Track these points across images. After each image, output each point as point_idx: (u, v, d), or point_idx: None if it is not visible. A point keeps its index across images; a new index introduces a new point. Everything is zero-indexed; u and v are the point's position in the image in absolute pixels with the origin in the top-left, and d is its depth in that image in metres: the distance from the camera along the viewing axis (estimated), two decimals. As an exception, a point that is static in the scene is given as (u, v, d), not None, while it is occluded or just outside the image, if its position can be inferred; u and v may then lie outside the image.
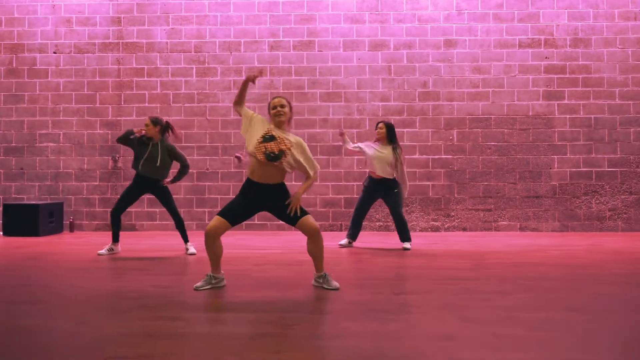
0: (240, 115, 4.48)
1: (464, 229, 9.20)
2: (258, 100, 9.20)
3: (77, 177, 9.47)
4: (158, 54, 9.47)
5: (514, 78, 9.26)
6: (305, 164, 4.36)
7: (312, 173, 4.39)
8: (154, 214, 9.37)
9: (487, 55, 9.28)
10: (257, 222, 9.20)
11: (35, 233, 8.52)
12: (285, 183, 4.52)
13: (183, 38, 9.46)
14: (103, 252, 6.45)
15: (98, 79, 9.49)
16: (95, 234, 8.81)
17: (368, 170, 7.19)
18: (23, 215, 8.56)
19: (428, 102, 9.29)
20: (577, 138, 9.20)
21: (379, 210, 9.17)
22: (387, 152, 6.86)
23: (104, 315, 3.52)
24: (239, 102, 4.46)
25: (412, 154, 9.26)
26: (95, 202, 9.40)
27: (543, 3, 9.28)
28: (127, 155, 9.33)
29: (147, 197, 9.34)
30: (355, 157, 9.20)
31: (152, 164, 6.39)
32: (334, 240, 7.77)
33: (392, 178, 6.89)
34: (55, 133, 9.52)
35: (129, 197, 6.48)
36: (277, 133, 4.29)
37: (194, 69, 9.44)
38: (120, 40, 9.50)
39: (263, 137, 4.26)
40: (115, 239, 6.52)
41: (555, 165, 9.20)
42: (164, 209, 9.30)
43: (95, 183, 9.44)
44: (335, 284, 4.41)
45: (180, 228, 6.57)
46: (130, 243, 7.54)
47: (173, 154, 6.49)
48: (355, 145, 7.14)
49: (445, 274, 5.02)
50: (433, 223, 9.23)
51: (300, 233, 8.84)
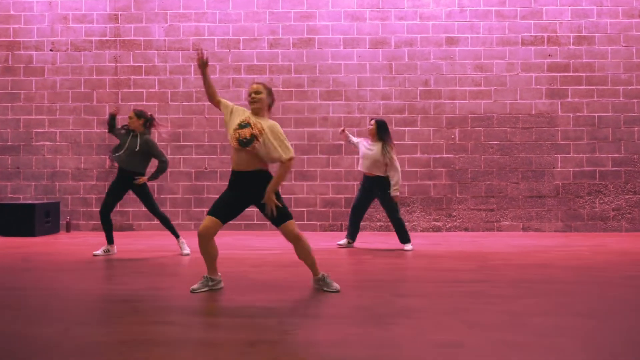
0: (221, 110, 4.38)
1: (466, 229, 9.07)
2: (257, 99, 9.07)
3: (73, 176, 9.34)
4: (156, 52, 9.34)
5: (517, 76, 9.13)
6: (278, 147, 4.13)
7: (284, 156, 4.12)
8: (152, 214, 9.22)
9: (489, 53, 9.15)
10: (256, 222, 9.07)
11: (32, 233, 8.40)
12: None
13: (181, 35, 9.33)
14: (99, 252, 6.33)
15: (95, 77, 9.37)
16: (92, 234, 8.69)
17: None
18: (19, 215, 8.45)
19: (429, 100, 9.16)
20: (580, 137, 9.08)
21: (380, 210, 9.04)
22: (376, 149, 6.78)
23: (95, 321, 3.39)
24: (210, 93, 4.34)
25: (413, 153, 9.14)
26: (92, 201, 9.28)
27: (546, 0, 9.14)
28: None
29: (144, 196, 9.22)
30: (356, 155, 9.08)
31: (126, 155, 6.27)
32: (334, 241, 7.65)
33: (384, 176, 6.79)
34: (52, 132, 9.39)
35: (113, 193, 6.32)
36: (252, 120, 4.20)
37: (192, 67, 9.31)
38: (118, 38, 9.37)
39: (239, 124, 4.20)
40: (110, 241, 6.38)
41: (559, 165, 9.07)
42: (162, 209, 9.17)
43: (92, 182, 9.32)
44: (336, 286, 4.31)
45: (166, 224, 6.40)
46: (127, 243, 7.42)
47: (150, 148, 6.27)
48: (357, 141, 7.13)
49: (449, 276, 4.89)
50: (434, 223, 9.10)
51: (300, 233, 8.77)
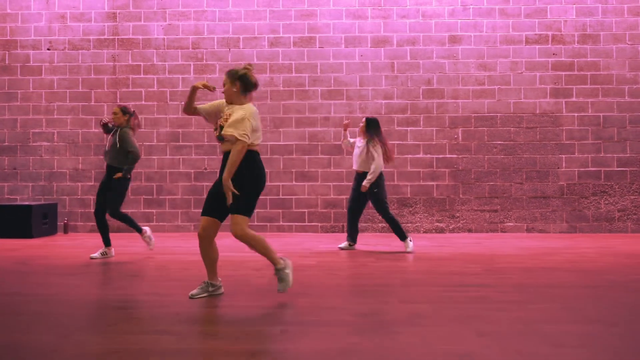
0: (201, 115, 4.23)
1: (470, 231, 8.95)
2: (257, 99, 8.95)
3: (71, 177, 9.21)
4: (155, 51, 9.21)
5: (521, 75, 9.00)
6: (232, 125, 3.89)
7: (235, 134, 3.85)
8: (151, 215, 9.11)
9: (493, 52, 9.02)
10: (256, 223, 8.94)
11: (29, 235, 8.27)
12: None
13: (180, 34, 9.20)
14: (96, 255, 6.19)
15: (93, 77, 9.24)
16: (90, 236, 8.56)
17: None
18: (16, 217, 8.31)
19: (432, 99, 9.04)
20: (585, 137, 8.95)
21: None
22: (362, 146, 6.83)
23: (89, 329, 3.26)
24: (188, 109, 4.19)
25: (415, 154, 9.01)
26: (90, 202, 9.14)
27: (550, -2, 9.02)
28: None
29: (142, 197, 9.10)
30: (358, 156, 8.96)
31: (111, 152, 6.15)
32: (336, 243, 7.52)
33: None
34: (49, 132, 9.26)
35: (103, 192, 6.18)
36: (226, 112, 4.07)
37: (192, 66, 9.18)
38: (116, 37, 9.24)
39: (219, 122, 4.11)
40: (107, 243, 6.24)
41: (563, 165, 8.95)
42: (161, 210, 9.07)
43: (91, 183, 9.18)
44: (283, 287, 4.01)
45: (124, 221, 6.15)
46: (125, 245, 7.28)
47: (122, 141, 6.09)
48: (353, 141, 7.13)
49: (455, 280, 4.76)
50: (437, 224, 8.98)
51: (301, 235, 8.64)
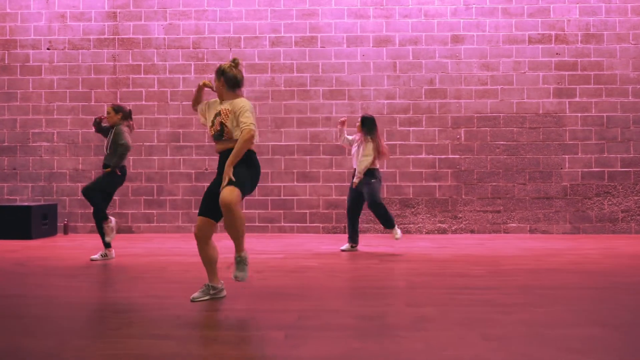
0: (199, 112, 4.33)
1: (472, 231, 8.89)
2: (259, 99, 8.89)
3: (71, 177, 9.15)
4: (155, 50, 9.16)
5: (524, 75, 8.94)
6: (239, 117, 3.92)
7: (237, 133, 3.89)
8: (151, 216, 9.05)
9: (495, 52, 8.96)
10: (257, 224, 8.88)
11: (28, 236, 8.21)
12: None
13: (181, 34, 9.14)
14: (96, 257, 6.12)
15: (93, 76, 9.18)
16: (90, 237, 8.49)
17: None
18: (15, 217, 8.25)
19: (435, 99, 8.98)
20: (588, 137, 8.89)
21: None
22: (359, 144, 6.85)
23: (89, 333, 3.20)
24: (194, 105, 4.35)
25: (418, 154, 8.95)
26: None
27: (554, -3, 8.96)
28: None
29: (143, 198, 9.04)
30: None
31: (109, 151, 6.10)
32: (338, 244, 7.46)
33: (369, 168, 6.76)
34: (49, 132, 9.21)
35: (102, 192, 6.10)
36: (220, 108, 4.06)
37: (193, 66, 9.12)
38: (116, 36, 9.18)
39: (212, 120, 4.09)
40: (107, 244, 6.17)
41: (566, 165, 8.89)
42: (161, 211, 9.01)
43: (90, 184, 9.13)
44: (242, 276, 3.89)
45: (93, 204, 6.00)
46: (126, 247, 7.22)
47: (115, 136, 6.02)
48: (352, 138, 7.09)
49: (460, 282, 4.70)
50: (440, 225, 8.92)
51: (302, 236, 8.58)
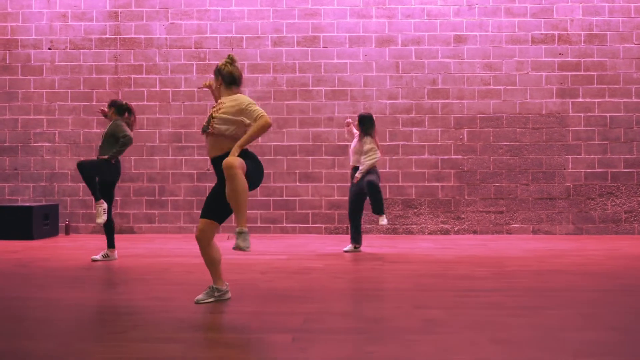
0: None
1: (475, 232, 8.86)
2: (261, 99, 8.86)
3: (73, 177, 9.11)
4: (157, 50, 9.12)
5: (527, 75, 8.91)
6: (246, 110, 3.85)
7: (254, 114, 3.82)
8: (153, 216, 9.02)
9: (498, 52, 8.94)
10: (259, 224, 8.85)
11: (29, 236, 8.17)
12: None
13: (183, 34, 9.11)
14: (97, 257, 6.09)
15: (95, 76, 9.14)
16: (92, 237, 8.47)
17: None
18: (17, 218, 8.22)
19: (437, 100, 8.95)
20: (592, 137, 8.87)
21: (386, 213, 8.79)
22: (355, 143, 6.92)
23: (91, 337, 3.17)
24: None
25: (420, 154, 8.92)
26: (92, 204, 9.04)
27: (557, -3, 8.94)
28: (125, 155, 8.95)
29: (144, 198, 9.01)
30: (362, 157, 8.87)
31: (103, 144, 6.07)
32: (340, 244, 7.43)
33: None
34: (51, 132, 9.17)
35: (104, 189, 6.05)
36: (217, 105, 4.03)
37: (194, 66, 9.09)
38: (118, 36, 9.14)
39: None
40: (110, 245, 6.12)
41: (569, 166, 8.86)
42: (163, 211, 8.98)
43: (92, 184, 9.09)
44: (245, 245, 3.70)
45: (87, 180, 5.89)
46: (128, 247, 7.18)
47: (115, 128, 5.99)
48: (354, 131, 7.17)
49: (465, 284, 4.67)
50: (442, 226, 8.89)
51: (304, 237, 8.54)
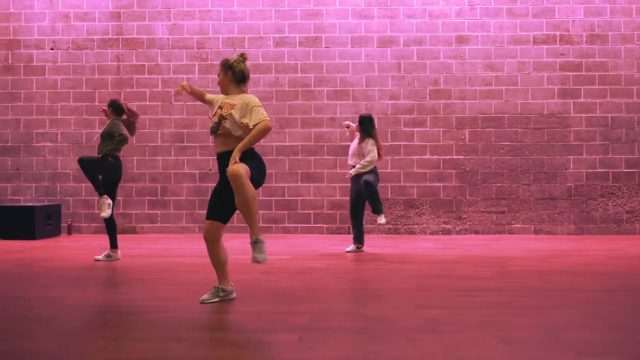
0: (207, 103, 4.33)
1: (476, 232, 8.87)
2: (263, 99, 8.87)
3: (75, 178, 9.13)
4: (159, 51, 9.13)
5: (528, 76, 8.93)
6: (250, 113, 3.86)
7: (250, 124, 3.83)
8: (155, 216, 9.03)
9: (500, 52, 8.95)
10: (261, 224, 8.86)
11: (32, 236, 8.19)
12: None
13: (185, 34, 9.12)
14: (100, 258, 6.10)
15: (97, 77, 9.16)
16: (94, 237, 8.48)
17: None
18: (19, 218, 8.24)
19: (439, 100, 8.96)
20: (593, 138, 8.88)
21: (387, 213, 8.83)
22: (355, 144, 6.92)
23: (95, 336, 3.17)
24: (200, 99, 4.37)
25: (422, 154, 8.94)
26: (94, 204, 9.06)
27: (558, -2, 8.95)
28: (127, 155, 8.97)
29: (147, 198, 9.03)
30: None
31: (100, 144, 6.09)
32: (342, 245, 7.44)
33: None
34: (53, 132, 9.19)
35: (106, 188, 6.06)
36: (223, 102, 4.01)
37: (197, 66, 9.10)
38: (120, 36, 9.16)
39: (213, 113, 4.06)
40: (113, 245, 6.13)
41: (571, 166, 8.87)
42: (165, 211, 8.99)
43: (94, 184, 9.10)
44: (262, 257, 3.72)
45: (90, 176, 5.92)
46: (130, 247, 7.20)
47: (111, 127, 6.01)
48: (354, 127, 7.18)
49: (469, 284, 4.69)
50: (444, 226, 8.90)
51: (306, 237, 8.55)
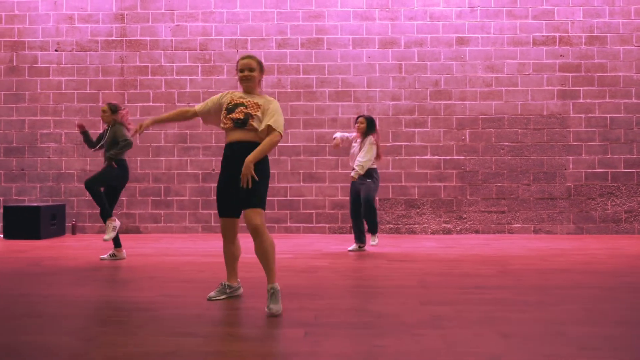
0: (200, 116, 4.17)
1: (477, 232, 8.95)
2: (265, 100, 8.94)
3: (79, 178, 9.21)
4: (162, 52, 9.22)
5: (528, 77, 9.01)
6: (271, 117, 3.80)
7: (263, 125, 3.81)
8: (158, 216, 9.11)
9: (500, 53, 9.04)
10: (264, 224, 8.92)
11: (37, 236, 8.27)
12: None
13: (188, 35, 9.20)
14: (105, 257, 6.18)
15: (101, 78, 9.24)
16: (98, 237, 8.55)
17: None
18: (24, 218, 8.32)
19: (440, 101, 9.04)
20: (592, 138, 8.97)
21: (389, 213, 8.92)
22: (356, 146, 6.94)
23: (113, 330, 3.26)
24: (182, 119, 4.25)
25: (423, 155, 9.02)
26: (98, 204, 9.13)
27: None
28: (131, 156, 9.05)
29: (150, 198, 9.10)
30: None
31: (105, 150, 6.16)
32: (344, 244, 7.53)
33: (369, 168, 6.83)
34: (57, 133, 9.26)
35: (108, 190, 6.15)
36: (245, 99, 3.91)
37: (200, 67, 9.19)
38: (124, 38, 9.24)
39: (228, 109, 3.93)
40: (117, 244, 6.21)
41: (570, 166, 8.96)
42: (168, 211, 9.07)
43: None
44: (277, 309, 3.57)
45: (95, 197, 5.99)
46: (135, 247, 7.29)
47: (114, 132, 6.08)
48: (349, 136, 7.07)
49: (471, 282, 4.77)
50: (445, 225, 8.98)
51: (308, 236, 8.64)
